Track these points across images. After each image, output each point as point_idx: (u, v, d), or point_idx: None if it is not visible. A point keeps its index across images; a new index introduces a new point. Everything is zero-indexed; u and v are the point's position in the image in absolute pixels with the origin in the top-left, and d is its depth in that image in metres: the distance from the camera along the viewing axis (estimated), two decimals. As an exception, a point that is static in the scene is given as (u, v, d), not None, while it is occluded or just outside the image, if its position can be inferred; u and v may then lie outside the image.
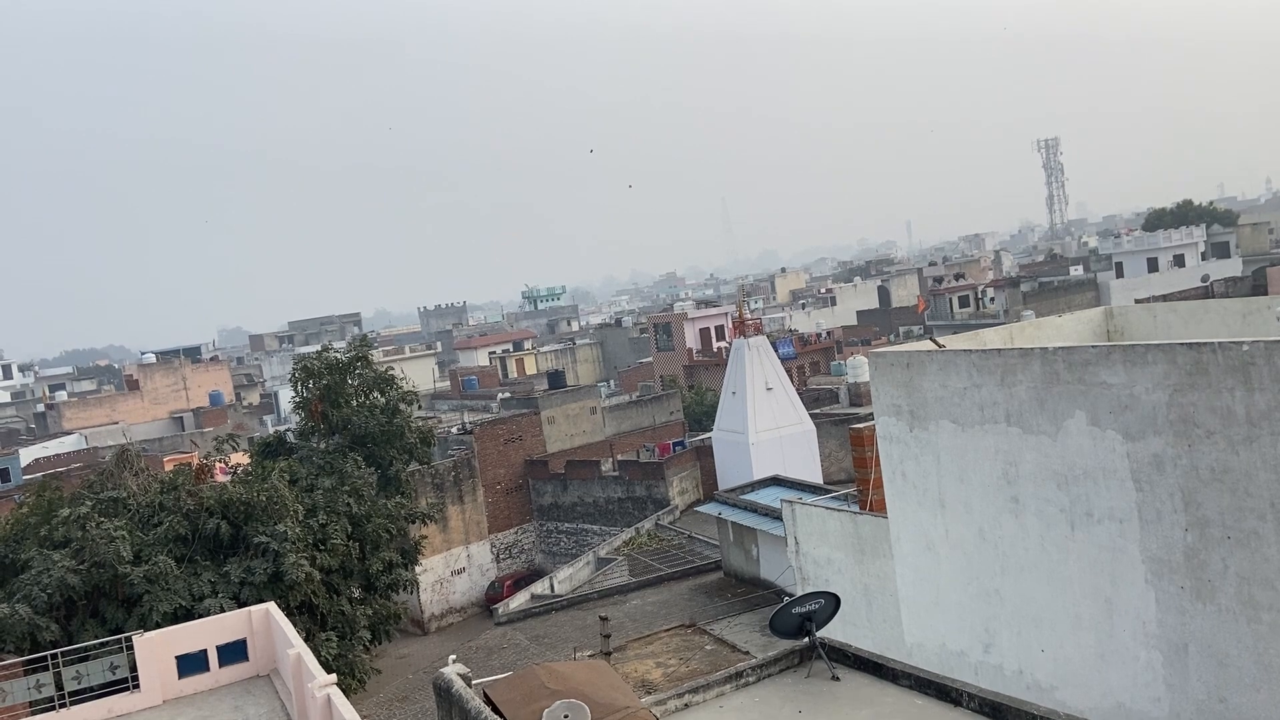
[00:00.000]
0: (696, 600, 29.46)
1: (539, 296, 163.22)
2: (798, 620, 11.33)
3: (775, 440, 38.12)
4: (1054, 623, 11.66)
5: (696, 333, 76.81)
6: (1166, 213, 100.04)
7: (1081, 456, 10.98)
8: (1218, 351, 9.61)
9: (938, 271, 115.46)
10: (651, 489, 42.67)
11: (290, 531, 22.05)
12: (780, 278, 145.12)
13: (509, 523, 47.69)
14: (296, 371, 35.97)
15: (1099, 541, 10.96)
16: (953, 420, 12.59)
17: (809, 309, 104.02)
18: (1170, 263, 77.81)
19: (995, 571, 12.36)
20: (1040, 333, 15.90)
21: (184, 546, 22.19)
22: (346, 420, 34.49)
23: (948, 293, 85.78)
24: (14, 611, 19.07)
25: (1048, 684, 11.81)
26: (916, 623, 14.00)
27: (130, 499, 23.76)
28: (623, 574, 35.84)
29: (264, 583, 21.29)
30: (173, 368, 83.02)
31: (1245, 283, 56.43)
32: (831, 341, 74.24)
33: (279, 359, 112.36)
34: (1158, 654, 10.50)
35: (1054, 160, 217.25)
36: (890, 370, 13.65)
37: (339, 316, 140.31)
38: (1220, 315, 15.43)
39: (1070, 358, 11.04)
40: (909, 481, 13.56)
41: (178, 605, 20.32)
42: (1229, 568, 9.74)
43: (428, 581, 43.54)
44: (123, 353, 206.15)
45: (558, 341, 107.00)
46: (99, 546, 20.34)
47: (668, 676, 20.31)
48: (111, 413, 75.34)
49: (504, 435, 48.43)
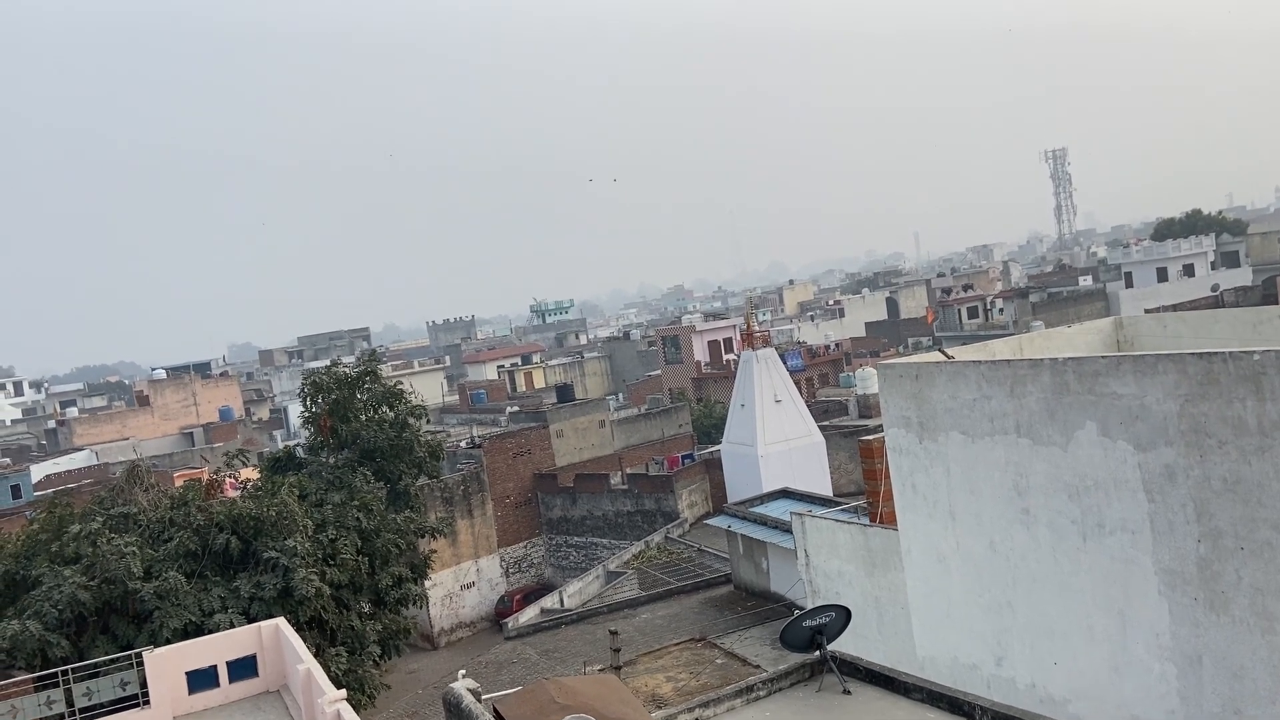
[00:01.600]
0: (706, 614, 29.36)
1: (547, 310, 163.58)
2: (808, 634, 11.29)
3: (784, 453, 38.03)
4: (1067, 635, 11.58)
5: (705, 345, 76.80)
6: (1175, 222, 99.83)
7: (1093, 467, 10.92)
8: (1229, 361, 9.56)
9: (946, 282, 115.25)
10: (660, 502, 42.61)
11: (300, 547, 22.05)
12: (788, 290, 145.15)
13: (518, 537, 47.65)
14: (305, 386, 36.07)
15: (1111, 553, 10.90)
16: (962, 432, 12.55)
17: (817, 321, 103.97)
18: (1180, 272, 77.57)
19: (1007, 583, 12.29)
20: (1049, 343, 15.86)
21: (194, 562, 22.21)
22: (355, 435, 34.54)
23: (956, 304, 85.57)
24: (25, 628, 19.09)
25: (1061, 697, 11.73)
26: (928, 636, 13.93)
27: (141, 515, 23.81)
28: (632, 588, 35.75)
29: (274, 598, 21.27)
30: (183, 383, 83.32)
31: (1255, 292, 56.21)
32: (840, 353, 74.13)
33: (288, 374, 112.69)
34: (1172, 666, 10.42)
35: (1062, 171, 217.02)
36: (899, 382, 13.62)
37: (348, 331, 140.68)
38: (1231, 324, 15.38)
39: (1080, 368, 11.00)
40: (919, 493, 13.51)
41: (188, 621, 20.32)
42: (1242, 579, 9.67)
43: (437, 596, 43.50)
44: (133, 369, 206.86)
45: (566, 355, 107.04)
46: (109, 562, 20.36)
47: (678, 691, 20.22)
48: (122, 429, 75.60)
49: (513, 449, 48.44)
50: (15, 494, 49.90)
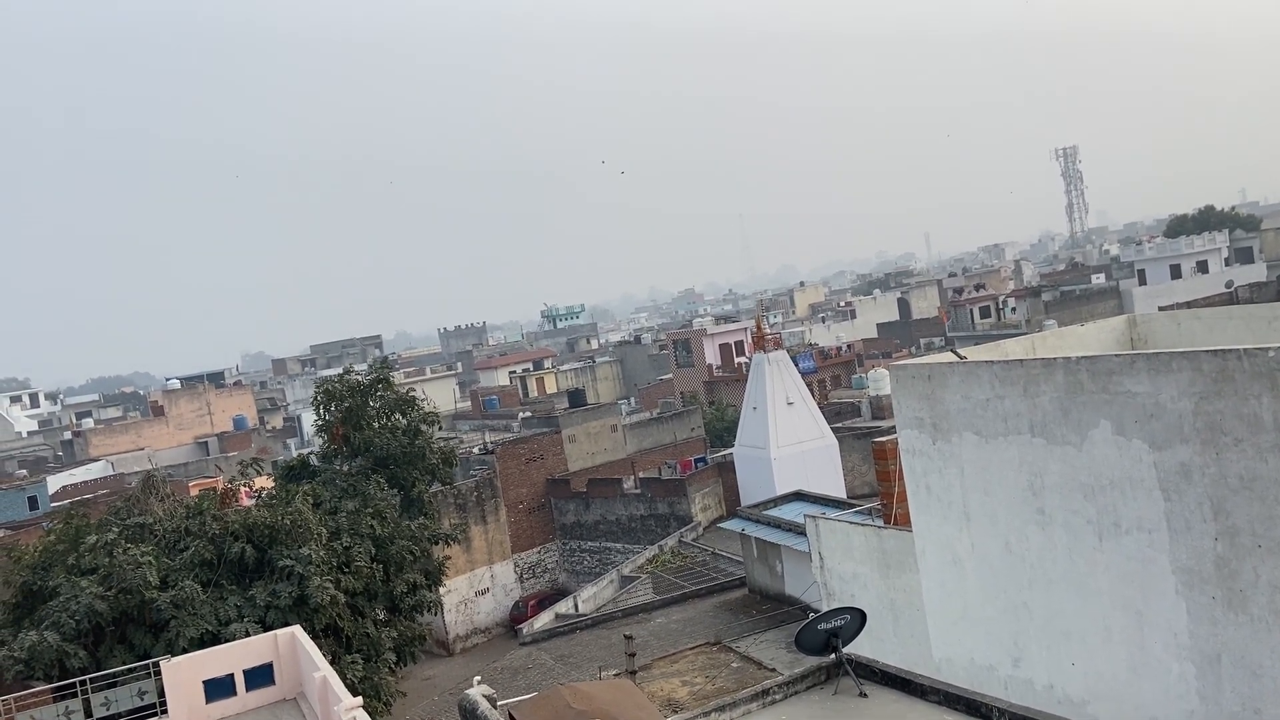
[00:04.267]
0: (721, 617, 29.33)
1: (558, 315, 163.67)
2: (824, 636, 11.26)
3: (797, 455, 37.97)
4: (1084, 636, 11.51)
5: (716, 349, 76.77)
6: (1188, 219, 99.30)
7: (1108, 466, 10.86)
8: (1243, 358, 9.50)
9: (958, 282, 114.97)
10: (674, 506, 42.57)
11: (315, 555, 22.11)
12: (799, 292, 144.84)
13: (532, 542, 47.68)
14: (318, 395, 36.18)
15: (1128, 552, 10.83)
16: (976, 432, 12.50)
17: (829, 322, 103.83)
18: (1193, 269, 77.18)
19: (1023, 584, 12.23)
20: (1063, 342, 15.78)
21: (210, 571, 22.30)
22: (369, 442, 34.62)
23: (968, 304, 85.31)
24: (43, 639, 19.19)
25: (1079, 698, 11.66)
26: (944, 637, 13.87)
27: (156, 524, 23.91)
28: (647, 592, 35.75)
29: (289, 606, 21.34)
30: (197, 393, 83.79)
31: (1270, 287, 55.86)
32: (852, 355, 74.00)
33: (301, 383, 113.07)
34: (1190, 666, 10.35)
35: (1073, 169, 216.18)
36: (912, 383, 13.58)
37: (360, 339, 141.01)
38: (1245, 321, 15.27)
39: (1094, 367, 10.94)
40: (933, 495, 13.46)
41: (204, 630, 20.39)
42: (1260, 577, 9.60)
43: (452, 602, 43.59)
44: (148, 379, 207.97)
45: (577, 360, 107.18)
46: (126, 573, 20.46)
47: (694, 695, 20.21)
48: (137, 439, 76.05)
49: (525, 454, 48.49)
50: (32, 505, 50.24)
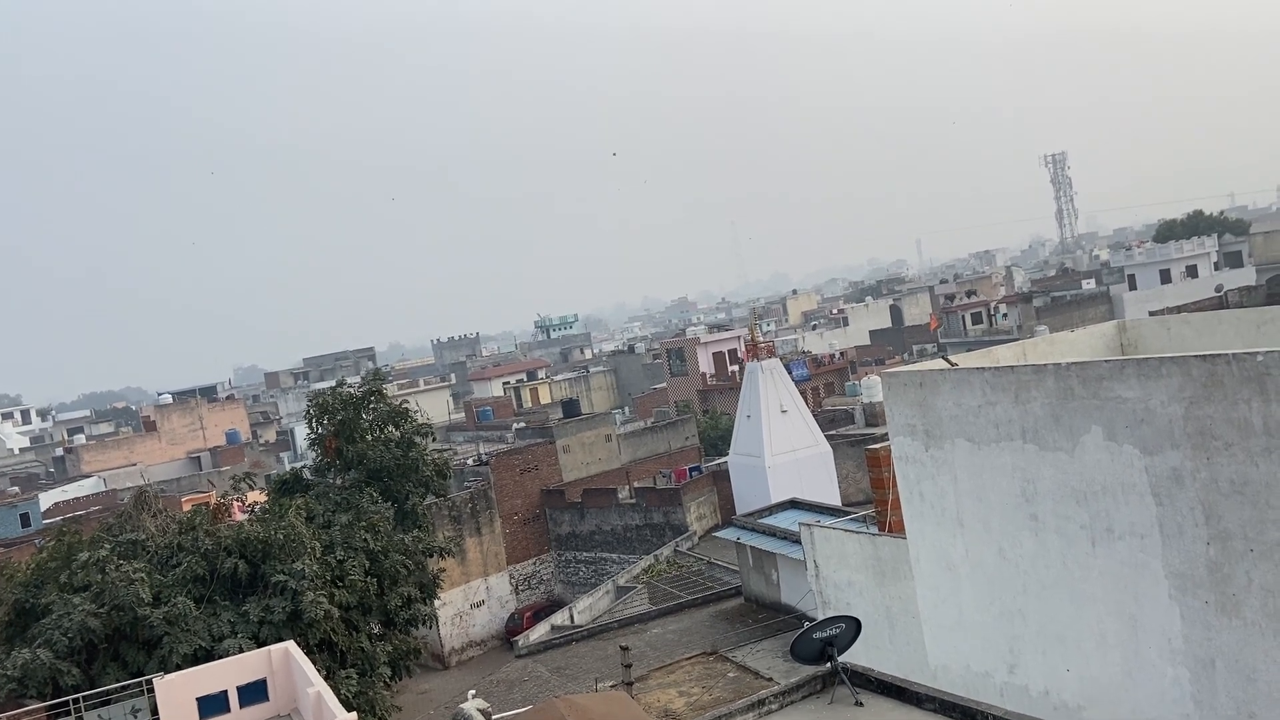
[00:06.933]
0: (717, 627, 29.27)
1: (551, 325, 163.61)
2: (819, 645, 11.25)
3: (792, 463, 37.98)
4: (1079, 641, 11.53)
5: (710, 357, 76.80)
6: (1177, 224, 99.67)
7: (1099, 472, 10.90)
8: (1233, 363, 9.55)
9: (949, 289, 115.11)
10: (669, 515, 42.51)
11: (308, 569, 22.02)
12: (792, 299, 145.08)
13: (527, 553, 47.55)
14: (311, 408, 36.09)
15: (1121, 558, 10.86)
16: (968, 439, 12.53)
17: (821, 330, 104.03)
18: (1183, 274, 77.39)
19: (1017, 590, 12.25)
20: (1053, 348, 15.84)
21: (203, 587, 22.20)
22: (362, 455, 34.52)
23: (960, 310, 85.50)
24: (36, 657, 19.08)
25: (1075, 704, 11.67)
26: (939, 645, 13.87)
27: (149, 540, 23.79)
28: (642, 602, 35.65)
29: (283, 621, 21.24)
30: (189, 408, 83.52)
31: (1260, 292, 56.04)
32: (845, 362, 74.07)
33: (294, 396, 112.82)
34: (1185, 670, 10.37)
35: (1062, 175, 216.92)
36: (904, 390, 13.61)
37: (353, 351, 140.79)
38: (1235, 326, 15.34)
39: (1084, 373, 10.99)
40: (927, 502, 13.48)
41: (197, 646, 20.29)
42: (1253, 581, 9.63)
43: (447, 615, 43.39)
44: (140, 394, 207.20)
45: (571, 370, 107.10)
46: (118, 589, 20.36)
47: (690, 705, 20.14)
48: (129, 454, 75.76)
49: (520, 465, 48.38)
50: (24, 522, 50.03)
